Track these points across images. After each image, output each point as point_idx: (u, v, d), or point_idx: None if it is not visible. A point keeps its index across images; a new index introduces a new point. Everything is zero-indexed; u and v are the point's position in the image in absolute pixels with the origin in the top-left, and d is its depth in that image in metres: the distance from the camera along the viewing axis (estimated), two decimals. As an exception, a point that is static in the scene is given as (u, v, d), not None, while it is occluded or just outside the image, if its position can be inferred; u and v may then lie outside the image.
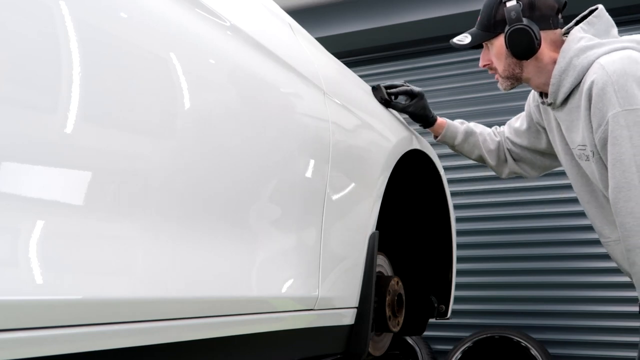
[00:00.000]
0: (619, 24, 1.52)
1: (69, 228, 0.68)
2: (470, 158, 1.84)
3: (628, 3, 3.08)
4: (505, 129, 1.79)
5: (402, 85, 1.75)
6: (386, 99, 1.72)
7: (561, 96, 1.43)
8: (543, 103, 1.55)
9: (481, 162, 1.82)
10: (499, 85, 1.57)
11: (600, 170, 1.39)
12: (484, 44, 1.56)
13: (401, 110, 1.76)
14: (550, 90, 1.45)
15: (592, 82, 1.33)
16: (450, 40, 1.61)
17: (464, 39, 1.56)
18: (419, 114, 1.76)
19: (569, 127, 1.46)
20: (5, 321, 0.59)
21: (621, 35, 1.44)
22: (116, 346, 0.73)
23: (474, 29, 1.56)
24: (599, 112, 1.32)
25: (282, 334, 1.11)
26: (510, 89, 1.56)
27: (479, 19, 1.55)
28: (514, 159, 1.76)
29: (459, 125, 1.80)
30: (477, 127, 1.81)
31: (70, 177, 0.69)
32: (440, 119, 1.80)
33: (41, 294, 0.63)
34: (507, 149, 1.76)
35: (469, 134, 1.78)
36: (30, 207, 0.63)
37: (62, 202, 0.67)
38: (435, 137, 1.82)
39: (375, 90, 1.72)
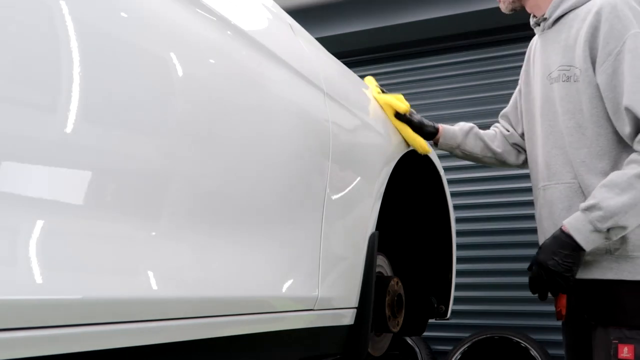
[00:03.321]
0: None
1: (69, 228, 0.68)
2: (475, 154, 1.74)
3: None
4: (499, 121, 1.82)
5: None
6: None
7: (558, 12, 1.50)
8: (535, 24, 1.60)
9: (488, 155, 1.75)
10: (500, 6, 1.64)
11: (591, 91, 1.40)
12: None
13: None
14: (552, 4, 1.52)
15: (601, 7, 1.39)
16: None
17: None
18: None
19: (554, 49, 1.50)
20: (5, 321, 0.59)
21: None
22: (116, 346, 0.73)
23: None
24: (616, 32, 1.36)
25: (281, 334, 1.11)
26: (510, 11, 1.64)
27: None
28: (510, 144, 1.75)
29: (453, 127, 1.75)
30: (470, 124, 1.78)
31: (70, 177, 0.69)
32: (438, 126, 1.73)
33: (41, 294, 0.63)
34: (503, 135, 1.76)
35: (466, 130, 1.73)
36: (30, 207, 0.63)
37: (62, 202, 0.67)
38: (435, 143, 1.74)
39: None
